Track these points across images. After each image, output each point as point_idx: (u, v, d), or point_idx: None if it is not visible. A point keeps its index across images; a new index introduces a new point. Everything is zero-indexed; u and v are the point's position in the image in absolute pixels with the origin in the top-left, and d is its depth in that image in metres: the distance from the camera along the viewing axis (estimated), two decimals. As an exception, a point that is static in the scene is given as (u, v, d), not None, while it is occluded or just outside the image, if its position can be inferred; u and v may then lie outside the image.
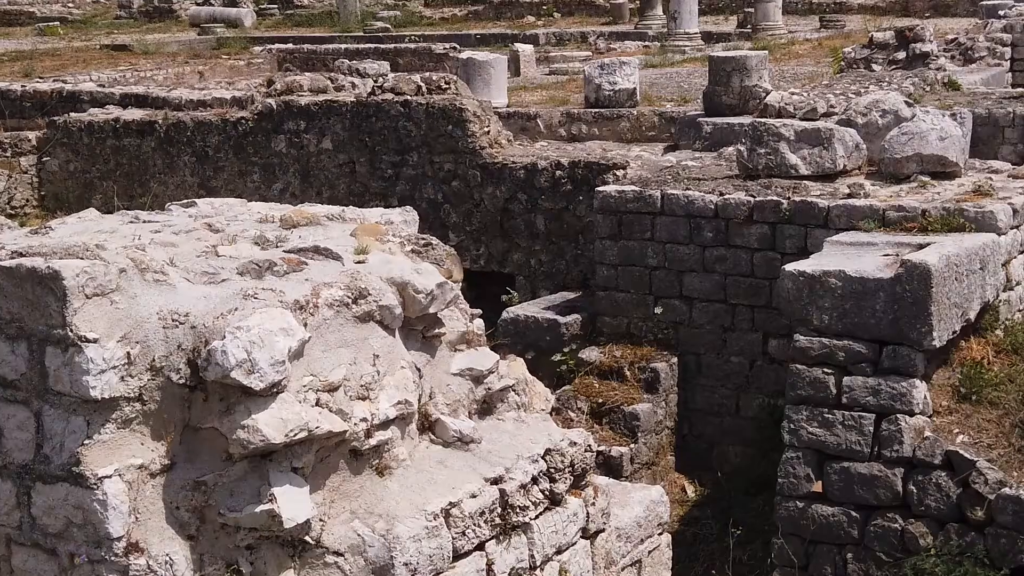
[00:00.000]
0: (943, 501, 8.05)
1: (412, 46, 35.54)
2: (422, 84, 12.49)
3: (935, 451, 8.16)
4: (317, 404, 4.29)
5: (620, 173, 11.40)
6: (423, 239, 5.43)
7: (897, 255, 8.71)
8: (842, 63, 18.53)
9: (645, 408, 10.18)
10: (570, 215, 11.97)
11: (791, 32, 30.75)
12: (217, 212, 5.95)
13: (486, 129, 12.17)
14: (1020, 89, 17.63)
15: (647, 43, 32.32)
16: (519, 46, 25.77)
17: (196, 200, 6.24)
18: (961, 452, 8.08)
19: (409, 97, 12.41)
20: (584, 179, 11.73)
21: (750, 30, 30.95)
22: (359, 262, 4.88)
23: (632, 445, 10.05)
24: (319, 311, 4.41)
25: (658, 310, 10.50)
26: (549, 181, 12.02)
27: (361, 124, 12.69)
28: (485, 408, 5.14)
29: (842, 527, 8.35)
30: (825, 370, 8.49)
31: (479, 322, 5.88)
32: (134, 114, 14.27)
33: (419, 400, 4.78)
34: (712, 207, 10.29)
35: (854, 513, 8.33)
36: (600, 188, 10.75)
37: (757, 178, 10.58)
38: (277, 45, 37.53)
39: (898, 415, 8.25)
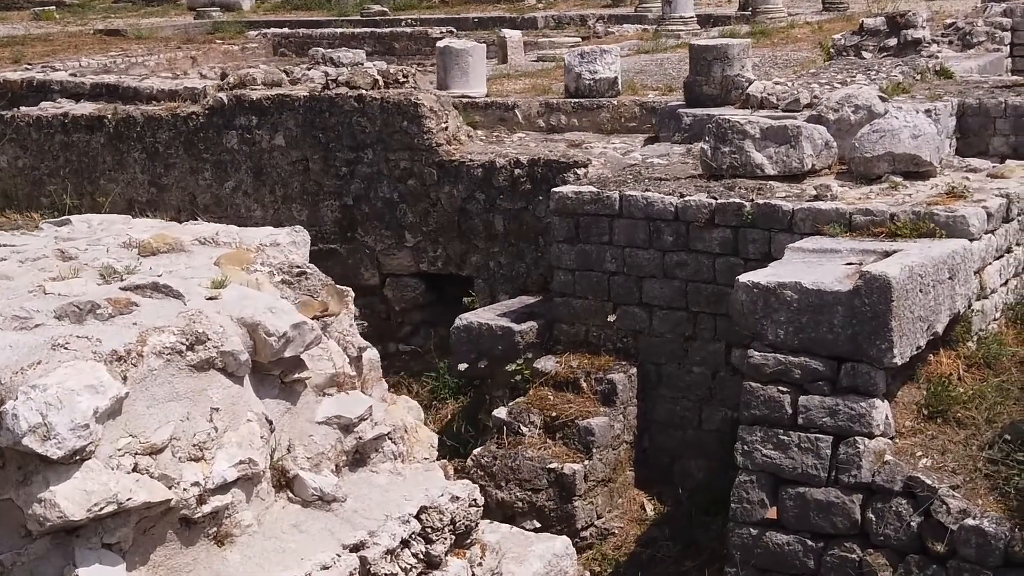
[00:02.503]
0: (903, 531, 7.52)
1: (408, 30, 35.01)
2: (379, 78, 11.94)
3: (895, 476, 7.63)
4: (135, 470, 3.78)
5: (581, 172, 10.85)
6: (297, 267, 4.91)
7: (861, 264, 8.18)
8: (831, 50, 17.91)
9: (601, 422, 9.66)
10: (530, 216, 11.43)
11: (791, 15, 30.06)
12: (90, 232, 5.46)
13: (444, 125, 11.62)
14: (1014, 77, 17.00)
15: (647, 26, 31.67)
16: (506, 32, 25.18)
17: (71, 217, 5.74)
18: (922, 478, 7.55)
19: (364, 91, 11.86)
20: (544, 178, 11.19)
21: (750, 13, 30.29)
22: (212, 298, 4.38)
23: (586, 461, 9.53)
24: (144, 361, 3.90)
25: (611, 318, 9.97)
26: (508, 180, 11.47)
27: (314, 120, 12.16)
28: (357, 459, 4.63)
29: (797, 557, 7.83)
30: (780, 388, 7.97)
31: (371, 353, 5.39)
32: (84, 108, 13.74)
33: (271, 456, 4.27)
34: (672, 209, 9.75)
35: (810, 542, 7.81)
36: (556, 189, 10.21)
37: (721, 178, 10.03)
38: (272, 30, 37.05)
39: (857, 437, 7.72)
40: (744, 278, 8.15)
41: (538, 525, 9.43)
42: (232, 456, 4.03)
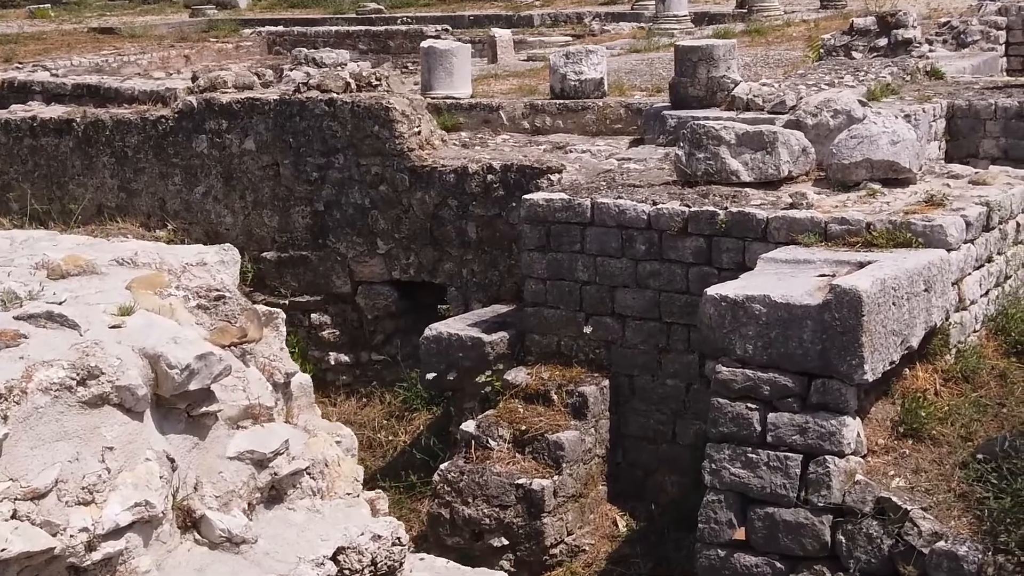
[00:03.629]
0: (874, 554, 7.28)
1: (403, 28, 34.80)
2: (351, 81, 11.68)
3: (866, 497, 7.38)
4: (14, 516, 3.53)
5: (555, 178, 10.59)
6: (216, 291, 4.66)
7: (834, 275, 7.92)
8: (821, 51, 17.64)
9: (571, 436, 9.41)
10: (503, 223, 11.16)
11: (788, 13, 29.79)
12: (11, 250, 5.22)
13: (416, 129, 11.36)
14: (1006, 78, 16.72)
15: (643, 24, 31.43)
16: (496, 31, 24.91)
17: (-6, 233, 5.50)
18: (894, 499, 7.30)
19: (335, 95, 11.60)
20: (517, 184, 10.93)
21: (747, 11, 30.00)
22: (115, 326, 4.13)
23: (556, 477, 9.28)
24: (28, 398, 3.65)
25: (587, 329, 9.72)
26: (480, 186, 11.21)
27: (285, 124, 11.90)
28: (273, 496, 4.38)
29: (765, 579, 7.57)
30: (749, 405, 7.72)
31: (302, 379, 5.14)
32: (54, 111, 13.49)
33: (175, 496, 4.02)
34: (645, 217, 9.49)
35: (779, 564, 7.57)
36: (527, 196, 9.95)
37: (696, 185, 9.77)
38: (267, 28, 36.88)
39: (827, 456, 7.47)
40: (712, 291, 7.90)
41: (506, 542, 9.22)
42: (126, 498, 3.78)
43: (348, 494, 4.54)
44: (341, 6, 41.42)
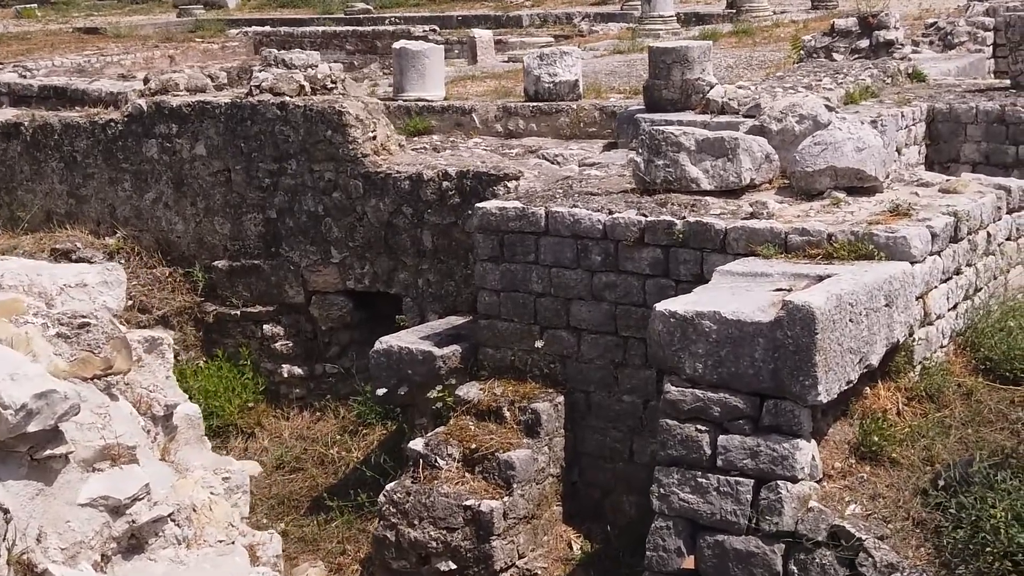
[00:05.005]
0: (827, 585, 6.88)
1: (391, 28, 34.50)
2: (305, 83, 11.31)
3: (820, 525, 7.00)
4: None
5: (512, 185, 10.20)
6: (81, 317, 4.27)
7: (791, 289, 7.54)
8: (801, 52, 17.25)
9: (522, 455, 9.02)
10: (459, 231, 10.77)
11: (777, 13, 29.44)
12: None
13: (371, 134, 10.97)
14: (989, 80, 16.34)
15: (631, 25, 31.09)
16: (476, 32, 24.53)
17: None
18: (848, 527, 6.92)
19: (286, 98, 11.21)
20: (473, 191, 10.53)
21: (735, 11, 29.64)
22: (-46, 360, 3.74)
23: (506, 498, 8.89)
24: None
25: (539, 344, 9.33)
26: (436, 193, 10.82)
27: (236, 128, 11.51)
28: (133, 546, 3.99)
29: (715, 611, 7.19)
30: (699, 427, 7.34)
31: (187, 409, 4.76)
32: (4, 114, 13.10)
33: (11, 549, 3.63)
34: (600, 227, 9.10)
35: (729, 595, 7.17)
36: (480, 204, 9.56)
37: (655, 193, 9.38)
38: (254, 28, 36.58)
39: (779, 481, 7.10)
40: (661, 306, 7.52)
41: (454, 566, 8.84)
42: (-56, 556, 3.40)
43: (220, 541, 4.14)
44: (329, 6, 41.14)
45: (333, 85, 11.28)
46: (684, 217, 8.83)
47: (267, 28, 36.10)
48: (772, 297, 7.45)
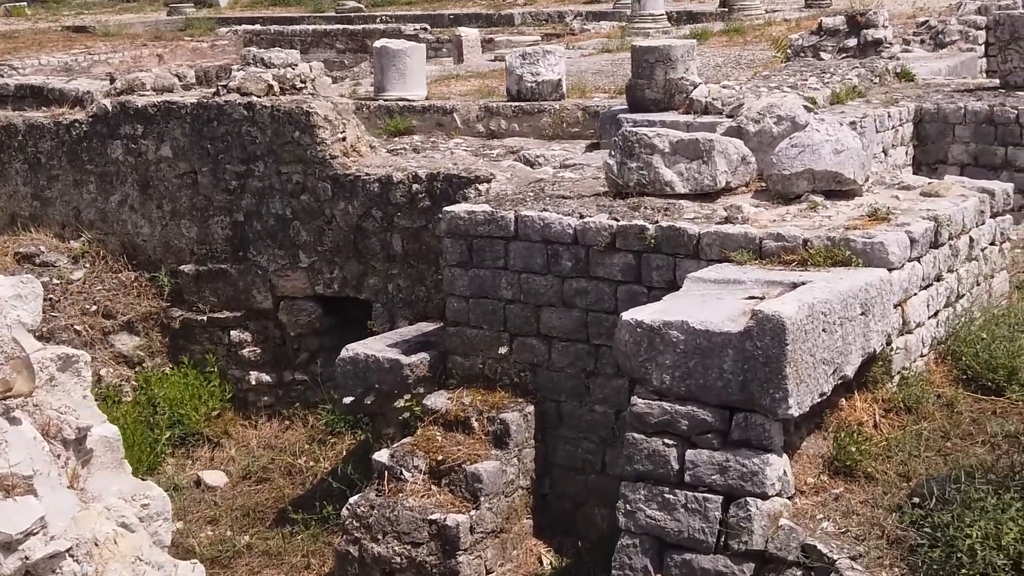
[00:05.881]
0: (797, 607, 6.60)
1: (382, 27, 34.23)
2: (274, 83, 11.02)
3: (790, 543, 6.72)
4: None
5: (483, 187, 9.91)
6: (-19, 336, 3.99)
7: (763, 297, 7.26)
8: (788, 51, 16.97)
9: (490, 467, 8.74)
10: (429, 235, 10.48)
11: (770, 12, 29.16)
12: None
13: (340, 135, 10.67)
14: (979, 80, 16.07)
15: (623, 23, 30.86)
16: (462, 30, 24.26)
17: None
18: (819, 546, 6.63)
19: (254, 99, 10.91)
20: (444, 194, 10.25)
21: (727, 10, 29.38)
22: None
23: (473, 511, 8.61)
24: None
25: (503, 350, 9.06)
26: (406, 196, 10.53)
27: (202, 129, 11.21)
28: (28, 582, 3.71)
29: (682, 633, 6.91)
30: (666, 441, 7.06)
31: (103, 431, 4.49)
32: (-31, 116, 12.82)
33: None
34: (571, 232, 8.82)
35: (696, 616, 6.89)
36: (448, 208, 9.28)
37: (628, 196, 9.11)
38: (244, 26, 36.34)
39: (748, 498, 6.82)
40: (628, 315, 7.24)
41: (418, 582, 8.54)
42: None
43: (126, 577, 3.86)
44: (320, 5, 40.92)
45: (303, 85, 10.99)
46: (657, 221, 8.56)
47: (257, 27, 35.87)
48: (743, 306, 7.17)
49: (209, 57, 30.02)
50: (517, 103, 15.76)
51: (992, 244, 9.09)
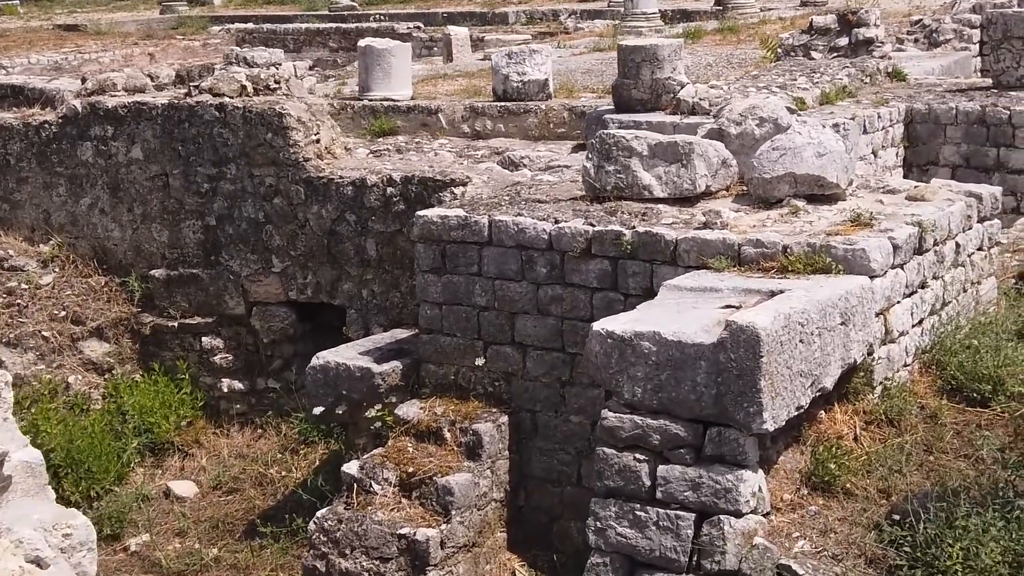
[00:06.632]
0: (772, 630, 6.35)
1: (375, 25, 34.02)
2: (247, 84, 10.76)
3: (765, 563, 6.47)
4: None
5: (459, 191, 9.66)
6: None
7: (740, 307, 7.02)
8: (779, 50, 16.71)
9: (462, 479, 8.49)
10: (404, 240, 10.22)
11: (765, 10, 28.91)
12: None
13: (314, 137, 10.42)
14: (971, 80, 15.81)
15: (618, 22, 30.61)
16: (451, 29, 24.01)
17: None
18: (794, 567, 6.40)
19: (226, 99, 10.65)
20: (419, 198, 10.00)
21: (722, 8, 29.13)
22: None
23: (444, 525, 8.36)
24: None
25: (479, 361, 8.81)
26: (380, 200, 10.27)
27: (173, 131, 10.96)
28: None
29: (653, 656, 6.66)
30: (637, 456, 6.82)
31: (26, 456, 4.24)
32: (-63, 117, 12.56)
33: None
34: (546, 237, 8.57)
35: (668, 639, 6.64)
36: (421, 213, 9.03)
37: (606, 201, 8.86)
38: (237, 25, 36.14)
39: (722, 516, 6.57)
40: (598, 326, 7.00)
41: (387, 599, 8.29)
42: None
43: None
44: (314, 3, 40.74)
45: (277, 85, 10.74)
46: (633, 227, 8.31)
47: (250, 25, 35.66)
48: (718, 315, 6.92)
49: (201, 56, 29.78)
50: (503, 103, 15.51)
51: (979, 249, 8.84)
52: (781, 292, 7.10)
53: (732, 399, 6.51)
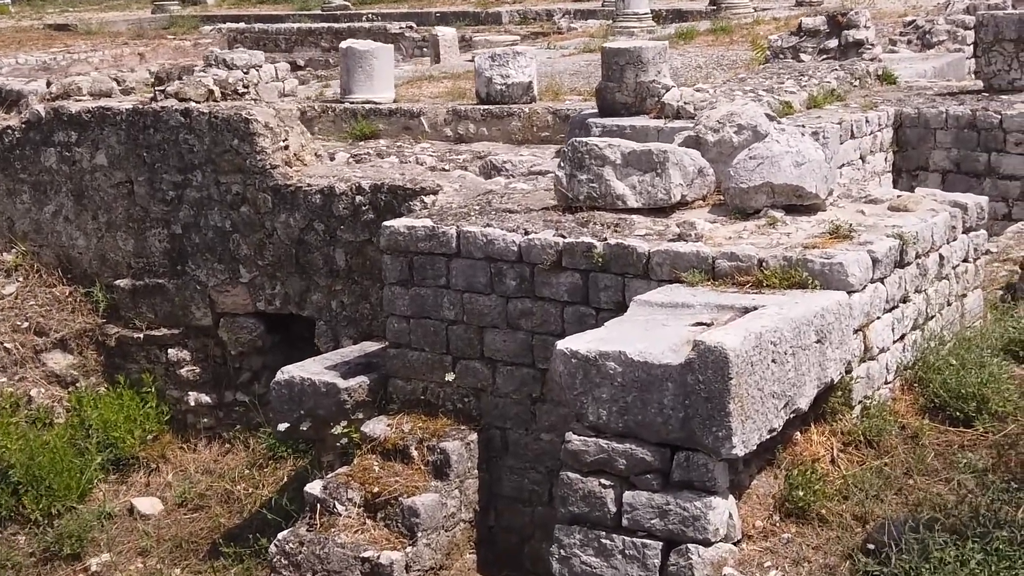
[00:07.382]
0: (741, 665, 6.07)
1: (367, 25, 33.77)
2: (215, 88, 10.49)
3: (734, 596, 6.17)
4: None
5: (429, 200, 9.37)
6: None
7: (712, 324, 6.73)
8: (767, 52, 16.42)
9: (428, 500, 8.21)
10: (373, 249, 9.93)
11: (760, 10, 28.64)
12: None
13: (282, 143, 10.14)
14: (962, 83, 15.52)
15: (612, 22, 30.34)
16: (439, 30, 23.74)
17: None
18: (764, 600, 6.09)
19: (191, 104, 10.37)
20: (388, 206, 9.73)
21: (716, 8, 28.85)
22: None
23: (409, 548, 8.08)
24: None
25: (449, 377, 8.53)
26: (349, 208, 9.99)
27: (138, 136, 10.68)
28: None
29: None
30: (603, 481, 6.55)
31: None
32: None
33: None
34: (515, 249, 8.29)
35: (634, 673, 6.36)
36: (387, 223, 8.74)
37: (578, 211, 8.57)
38: (228, 25, 35.89)
39: (690, 545, 6.29)
40: (563, 345, 6.71)
41: (349, 625, 8.01)
42: None
43: None
44: (307, 3, 40.52)
45: (245, 90, 10.48)
46: (605, 239, 8.02)
47: (242, 25, 35.41)
48: (688, 334, 6.63)
49: (192, 56, 29.51)
50: (486, 106, 15.24)
51: (965, 261, 8.54)
52: (755, 308, 6.82)
53: (700, 422, 6.23)
